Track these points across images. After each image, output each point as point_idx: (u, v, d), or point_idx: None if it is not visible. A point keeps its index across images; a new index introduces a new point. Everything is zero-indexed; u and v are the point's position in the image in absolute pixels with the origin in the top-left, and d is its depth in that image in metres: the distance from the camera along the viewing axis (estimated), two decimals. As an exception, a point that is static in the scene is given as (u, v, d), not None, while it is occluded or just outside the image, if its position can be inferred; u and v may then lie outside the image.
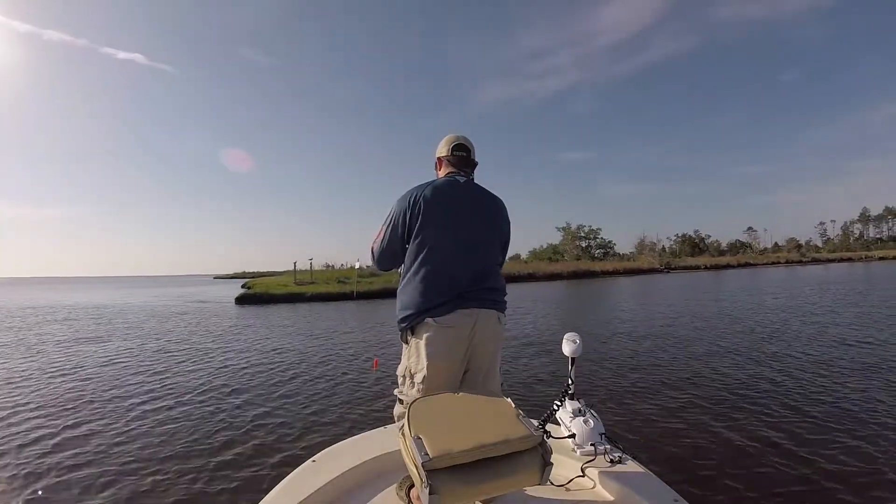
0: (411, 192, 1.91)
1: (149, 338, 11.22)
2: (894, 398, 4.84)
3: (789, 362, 6.60)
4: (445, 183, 1.96)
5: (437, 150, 2.11)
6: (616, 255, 68.16)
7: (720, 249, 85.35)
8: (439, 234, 1.85)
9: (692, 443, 3.95)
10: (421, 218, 1.85)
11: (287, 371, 7.18)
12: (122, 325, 14.00)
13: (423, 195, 1.88)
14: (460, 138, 2.08)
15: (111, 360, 8.36)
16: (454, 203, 1.91)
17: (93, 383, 6.67)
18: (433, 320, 1.77)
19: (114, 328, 13.35)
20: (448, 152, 2.05)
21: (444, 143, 2.09)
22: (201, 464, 3.86)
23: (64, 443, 4.38)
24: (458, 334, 1.78)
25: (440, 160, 2.10)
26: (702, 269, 54.79)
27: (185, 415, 5.17)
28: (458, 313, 1.78)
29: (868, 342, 7.80)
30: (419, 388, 1.77)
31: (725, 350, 7.68)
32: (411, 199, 1.88)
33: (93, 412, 5.28)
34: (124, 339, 11.16)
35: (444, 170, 2.08)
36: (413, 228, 1.87)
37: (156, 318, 15.96)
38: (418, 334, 1.80)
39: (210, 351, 9.18)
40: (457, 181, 1.98)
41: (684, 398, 5.14)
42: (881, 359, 6.59)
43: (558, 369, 6.65)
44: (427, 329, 1.78)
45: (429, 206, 1.86)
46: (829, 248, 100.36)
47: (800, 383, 5.52)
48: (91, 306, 22.88)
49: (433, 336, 1.77)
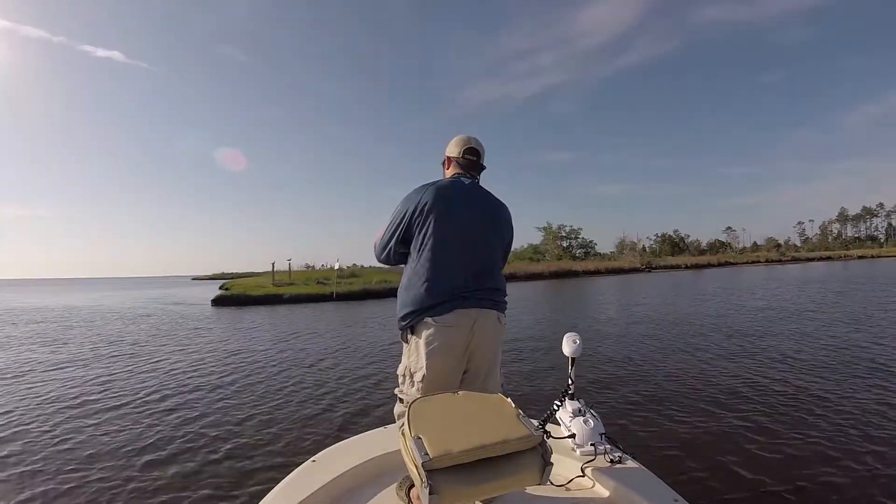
0: (416, 192, 1.95)
1: (119, 343, 11.00)
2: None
3: (790, 362, 6.63)
4: (449, 184, 2.00)
5: (448, 149, 2.14)
6: (597, 254, 69.02)
7: (700, 249, 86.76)
8: (440, 235, 1.88)
9: (692, 443, 3.99)
10: (423, 218, 1.88)
11: (278, 374, 7.10)
12: (88, 329, 13.68)
13: (426, 195, 1.91)
14: (472, 141, 2.11)
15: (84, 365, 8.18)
16: (457, 204, 1.94)
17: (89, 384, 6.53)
18: (433, 320, 1.79)
19: (82, 332, 13.05)
20: (459, 154, 2.08)
21: (456, 143, 2.11)
22: (201, 465, 3.88)
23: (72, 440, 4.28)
24: (458, 334, 1.81)
25: (449, 160, 2.13)
26: (683, 268, 55.62)
27: (183, 415, 5.19)
28: (458, 313, 1.81)
29: (871, 343, 7.87)
30: (419, 388, 1.80)
31: (724, 349, 7.78)
32: (415, 200, 1.92)
33: (94, 413, 5.17)
34: (82, 344, 10.91)
35: (451, 170, 2.12)
36: (415, 228, 1.90)
37: (124, 321, 15.64)
38: (418, 333, 1.83)
39: (188, 353, 9.02)
40: (461, 182, 2.02)
41: (684, 398, 5.20)
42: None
43: (556, 368, 6.74)
44: (426, 328, 1.80)
45: (431, 206, 1.89)
46: (808, 247, 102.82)
47: (800, 383, 5.56)
48: (60, 308, 22.34)
49: (433, 335, 1.79)
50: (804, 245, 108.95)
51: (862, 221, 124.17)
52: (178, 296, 32.83)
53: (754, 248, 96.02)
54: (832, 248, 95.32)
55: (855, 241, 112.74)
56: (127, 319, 16.27)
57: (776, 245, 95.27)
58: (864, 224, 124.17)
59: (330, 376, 6.83)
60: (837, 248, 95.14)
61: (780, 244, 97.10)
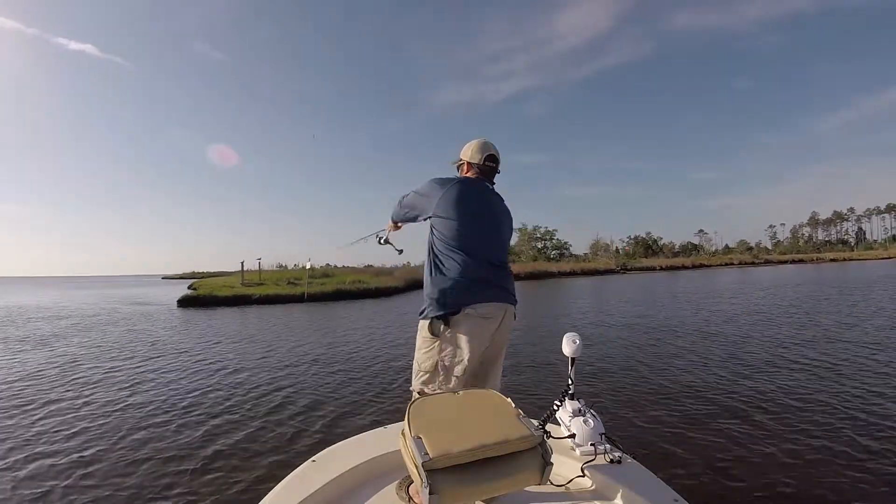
0: (449, 180, 2.09)
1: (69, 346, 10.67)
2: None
3: (789, 363, 6.75)
4: (479, 185, 2.13)
5: (468, 154, 2.21)
6: (572, 256, 69.86)
7: (674, 251, 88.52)
8: (472, 229, 1.99)
9: (692, 443, 4.06)
10: (451, 209, 1.99)
11: (276, 375, 7.02)
12: (50, 331, 13.18)
13: (457, 189, 2.03)
14: (492, 148, 2.21)
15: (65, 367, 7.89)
16: (484, 204, 2.09)
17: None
18: (474, 311, 1.87)
19: (43, 334, 12.61)
20: (481, 161, 2.18)
21: (477, 149, 2.20)
22: (200, 465, 3.93)
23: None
24: (493, 325, 1.93)
25: (469, 165, 2.21)
26: (658, 269, 56.76)
27: (182, 418, 5.18)
28: (494, 305, 1.93)
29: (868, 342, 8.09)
30: (458, 381, 1.87)
31: (723, 349, 7.95)
32: (444, 190, 2.03)
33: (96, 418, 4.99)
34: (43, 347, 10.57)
35: (470, 174, 2.21)
36: (442, 212, 2.01)
37: (75, 323, 15.15)
38: (456, 325, 1.88)
39: (157, 358, 8.81)
40: (485, 185, 2.17)
41: (684, 398, 5.30)
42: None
43: (553, 368, 6.87)
44: (467, 319, 1.87)
45: (463, 198, 2.01)
46: (780, 250, 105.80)
47: (800, 384, 5.67)
48: (14, 307, 21.55)
49: (473, 327, 1.87)
50: (775, 248, 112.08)
51: (833, 225, 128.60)
52: (143, 296, 31.90)
53: (726, 250, 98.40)
54: (804, 251, 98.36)
55: (826, 244, 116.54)
56: (65, 322, 15.73)
57: (748, 248, 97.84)
58: (834, 228, 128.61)
59: (303, 385, 6.76)
60: (809, 251, 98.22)
61: (751, 247, 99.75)
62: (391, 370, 7.16)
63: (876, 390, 5.28)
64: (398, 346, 9.31)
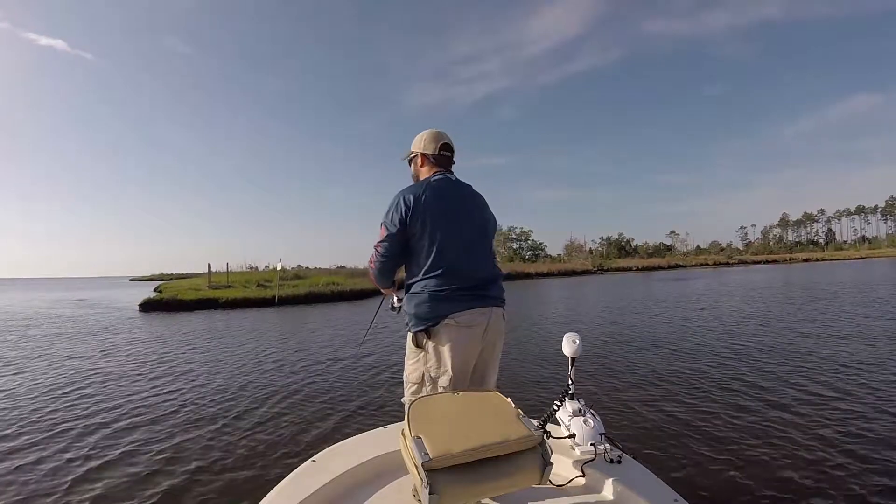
0: (411, 195, 1.94)
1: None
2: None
3: (789, 363, 6.86)
4: (443, 184, 2.02)
5: (421, 146, 2.14)
6: (547, 256, 70.57)
7: (648, 252, 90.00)
8: (446, 236, 1.92)
9: (692, 443, 4.12)
10: (422, 218, 1.91)
11: (278, 375, 6.92)
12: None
13: (425, 197, 1.93)
14: (446, 137, 2.14)
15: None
16: (454, 203, 2.00)
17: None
18: (454, 321, 1.85)
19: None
20: (436, 151, 2.10)
21: (430, 139, 2.12)
22: (200, 465, 3.97)
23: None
24: (477, 333, 1.89)
25: (424, 157, 2.13)
26: (634, 270, 57.66)
27: (181, 417, 5.29)
28: (475, 312, 1.88)
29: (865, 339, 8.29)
30: (445, 391, 1.85)
31: (723, 349, 8.06)
32: (411, 202, 1.91)
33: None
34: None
35: (427, 167, 2.13)
36: (416, 230, 1.92)
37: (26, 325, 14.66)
38: (437, 336, 1.87)
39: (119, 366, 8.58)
40: (450, 180, 2.06)
41: (684, 398, 5.37)
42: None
43: (550, 367, 6.98)
44: (447, 330, 1.85)
45: (432, 207, 1.92)
46: (752, 251, 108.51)
47: (800, 384, 5.75)
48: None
49: (455, 336, 1.85)
50: (747, 249, 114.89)
51: (803, 227, 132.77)
52: (105, 298, 30.86)
53: (698, 251, 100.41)
54: (776, 251, 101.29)
55: (796, 245, 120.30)
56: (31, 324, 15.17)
57: (721, 249, 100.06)
58: (804, 229, 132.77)
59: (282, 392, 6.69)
60: (782, 251, 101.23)
61: (724, 248, 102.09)
62: (388, 372, 7.19)
63: (883, 392, 5.36)
64: (392, 350, 9.22)
